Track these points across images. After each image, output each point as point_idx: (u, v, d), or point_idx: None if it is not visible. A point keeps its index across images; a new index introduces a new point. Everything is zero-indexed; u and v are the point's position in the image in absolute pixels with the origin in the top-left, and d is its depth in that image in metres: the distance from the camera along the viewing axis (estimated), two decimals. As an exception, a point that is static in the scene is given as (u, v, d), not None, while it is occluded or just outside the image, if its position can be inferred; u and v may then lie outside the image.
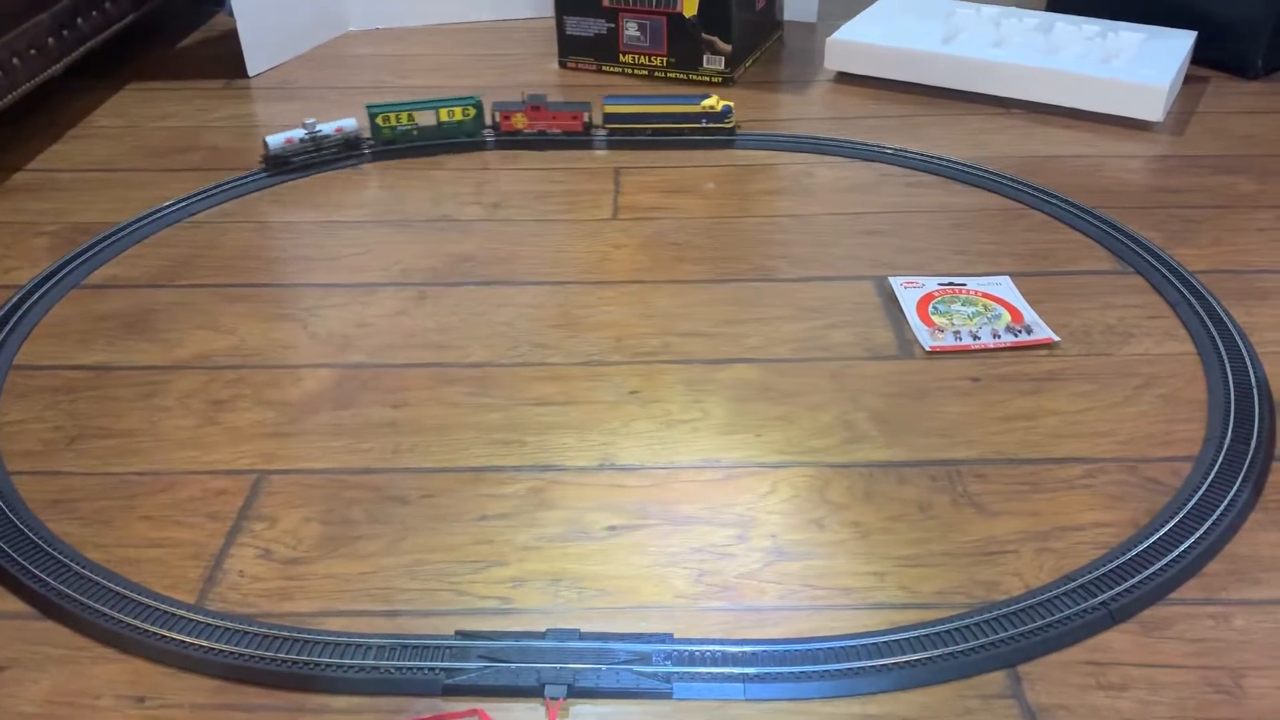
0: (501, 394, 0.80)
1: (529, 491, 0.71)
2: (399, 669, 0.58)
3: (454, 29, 1.54)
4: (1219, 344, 0.83)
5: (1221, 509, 0.67)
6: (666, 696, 0.57)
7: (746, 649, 0.59)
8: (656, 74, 1.36)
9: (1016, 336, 0.84)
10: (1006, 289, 0.90)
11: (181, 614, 0.61)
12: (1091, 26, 1.29)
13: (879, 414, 0.77)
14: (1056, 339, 0.84)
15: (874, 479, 0.72)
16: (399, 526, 0.69)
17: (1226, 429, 0.74)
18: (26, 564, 0.65)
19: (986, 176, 1.09)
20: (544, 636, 0.60)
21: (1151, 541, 0.65)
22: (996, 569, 0.65)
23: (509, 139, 1.19)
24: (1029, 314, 0.87)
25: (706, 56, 1.33)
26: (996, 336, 0.84)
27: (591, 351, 0.85)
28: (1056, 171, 1.10)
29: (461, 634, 0.60)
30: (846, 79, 1.34)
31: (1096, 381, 0.80)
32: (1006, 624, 0.60)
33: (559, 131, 1.18)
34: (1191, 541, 0.65)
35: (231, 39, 1.37)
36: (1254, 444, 0.73)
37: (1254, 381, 0.79)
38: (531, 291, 0.93)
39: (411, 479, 0.72)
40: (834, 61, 1.34)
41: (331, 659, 0.59)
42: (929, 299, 0.89)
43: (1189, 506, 0.68)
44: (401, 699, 0.57)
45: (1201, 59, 1.32)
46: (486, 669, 0.58)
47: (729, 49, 1.32)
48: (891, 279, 0.92)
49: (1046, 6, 1.44)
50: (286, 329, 0.88)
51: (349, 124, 1.16)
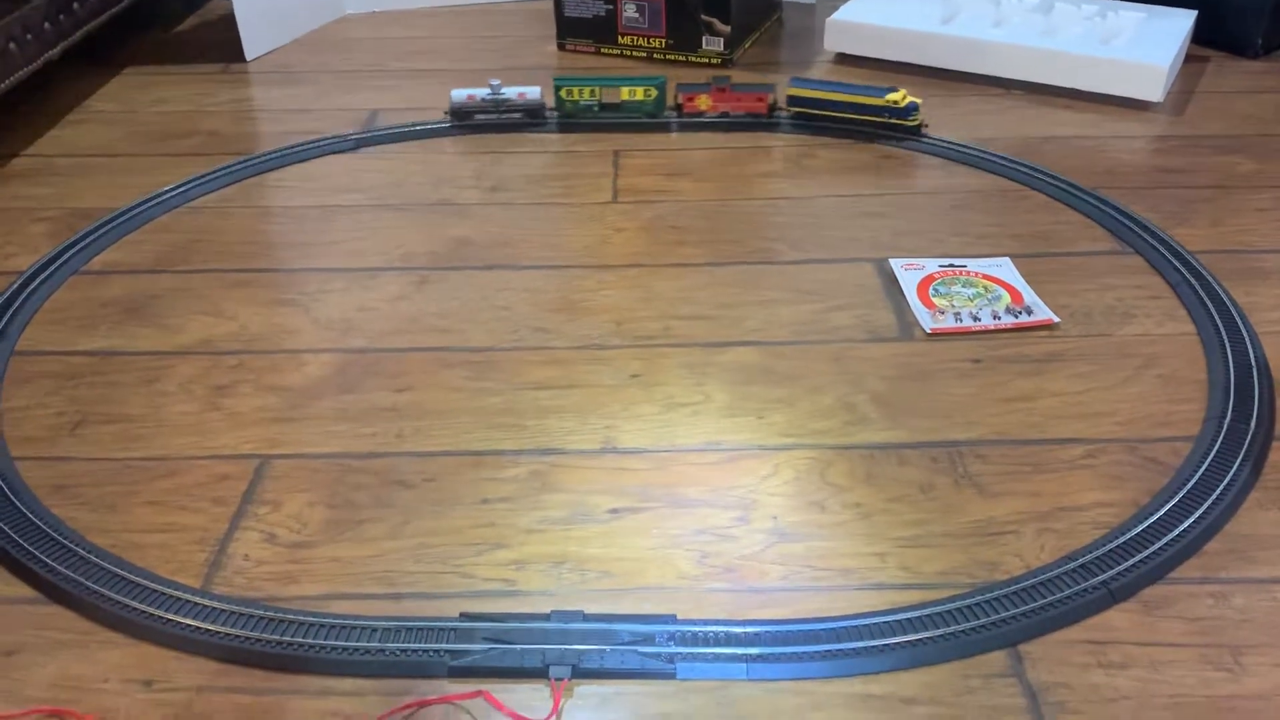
0: (502, 378, 0.80)
1: (531, 475, 0.72)
2: (404, 651, 0.58)
3: (451, 11, 1.54)
4: (1219, 324, 0.83)
5: (1221, 488, 0.68)
6: (670, 677, 0.58)
7: (749, 629, 0.60)
8: (655, 55, 1.35)
9: (1017, 318, 0.85)
10: (1007, 270, 0.91)
11: (187, 598, 0.62)
12: (1091, 6, 1.29)
13: (880, 396, 0.78)
14: (1057, 320, 0.84)
15: (875, 460, 0.72)
16: (402, 510, 0.69)
17: (1226, 409, 0.74)
18: (32, 549, 0.65)
19: (986, 157, 1.09)
20: (548, 618, 0.60)
21: (1152, 521, 0.65)
22: (997, 549, 0.65)
23: (691, 120, 1.17)
24: (1029, 295, 0.87)
25: (705, 38, 1.32)
26: (997, 318, 0.85)
27: (592, 335, 0.85)
28: (1056, 152, 1.10)
29: (466, 616, 0.61)
30: (846, 59, 1.33)
31: (1097, 362, 0.80)
32: (1007, 604, 0.60)
33: (743, 113, 1.16)
34: (1191, 521, 0.65)
35: (229, 23, 1.36)
36: (1254, 423, 0.73)
37: (1254, 361, 0.79)
38: (531, 275, 0.93)
39: (414, 463, 0.73)
40: (833, 42, 1.33)
41: (336, 641, 0.59)
42: (929, 281, 0.89)
43: (1189, 486, 0.68)
44: (407, 681, 0.58)
45: (1201, 38, 1.32)
46: (491, 650, 0.58)
47: (728, 30, 1.31)
48: (892, 261, 0.92)
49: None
50: (288, 314, 0.88)
51: (532, 91, 1.17)
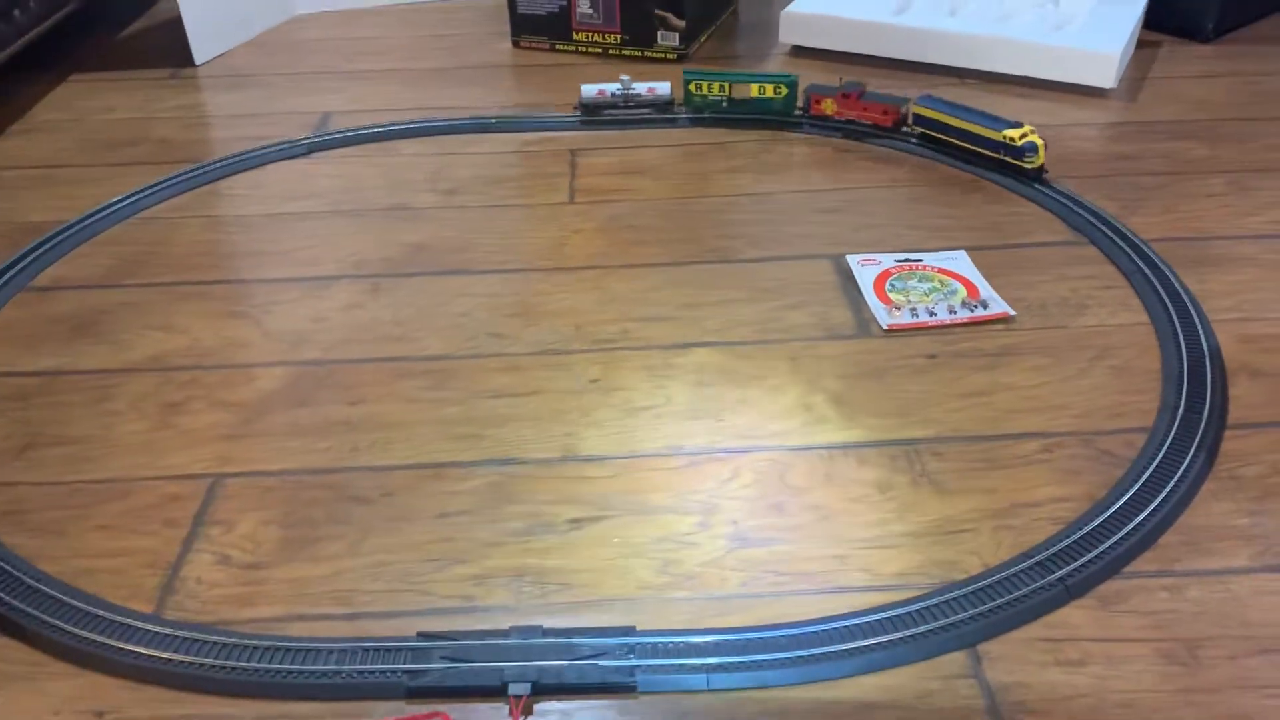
0: (459, 387, 0.80)
1: (489, 486, 0.71)
2: (361, 673, 0.58)
3: (402, 9, 1.52)
4: (1172, 313, 0.84)
5: (1175, 480, 0.68)
6: (631, 690, 0.57)
7: (709, 639, 0.59)
8: (610, 51, 1.34)
9: (973, 312, 0.85)
10: (962, 263, 0.91)
11: (139, 625, 0.61)
12: (1044, -7, 1.29)
13: (837, 395, 0.78)
14: (1012, 313, 0.85)
15: (834, 461, 0.72)
16: (359, 527, 0.68)
17: (1180, 399, 0.75)
18: (-21, 580, 0.64)
19: (941, 149, 1.09)
20: (507, 634, 0.60)
21: (1107, 515, 0.66)
22: (956, 548, 0.65)
23: (817, 123, 1.14)
24: (985, 289, 0.87)
25: (660, 33, 1.32)
26: (953, 312, 0.85)
27: (550, 340, 0.84)
28: (1011, 142, 1.10)
29: (423, 635, 0.60)
30: (802, 52, 1.33)
31: (1052, 355, 0.81)
32: (966, 604, 0.61)
33: (868, 124, 1.11)
34: (1146, 514, 0.66)
35: (176, 26, 1.34)
36: (1206, 413, 0.74)
37: (1206, 350, 0.79)
38: (488, 280, 0.92)
39: (370, 477, 0.72)
40: (789, 35, 1.33)
41: (293, 665, 0.58)
42: (886, 276, 0.89)
43: (1144, 479, 0.68)
44: (364, 703, 0.57)
45: (1153, 24, 1.33)
46: (449, 669, 0.58)
47: (682, 25, 1.31)
48: (849, 257, 0.92)
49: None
50: (240, 326, 0.87)
51: (662, 87, 1.16)
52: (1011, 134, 1.01)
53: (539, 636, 0.59)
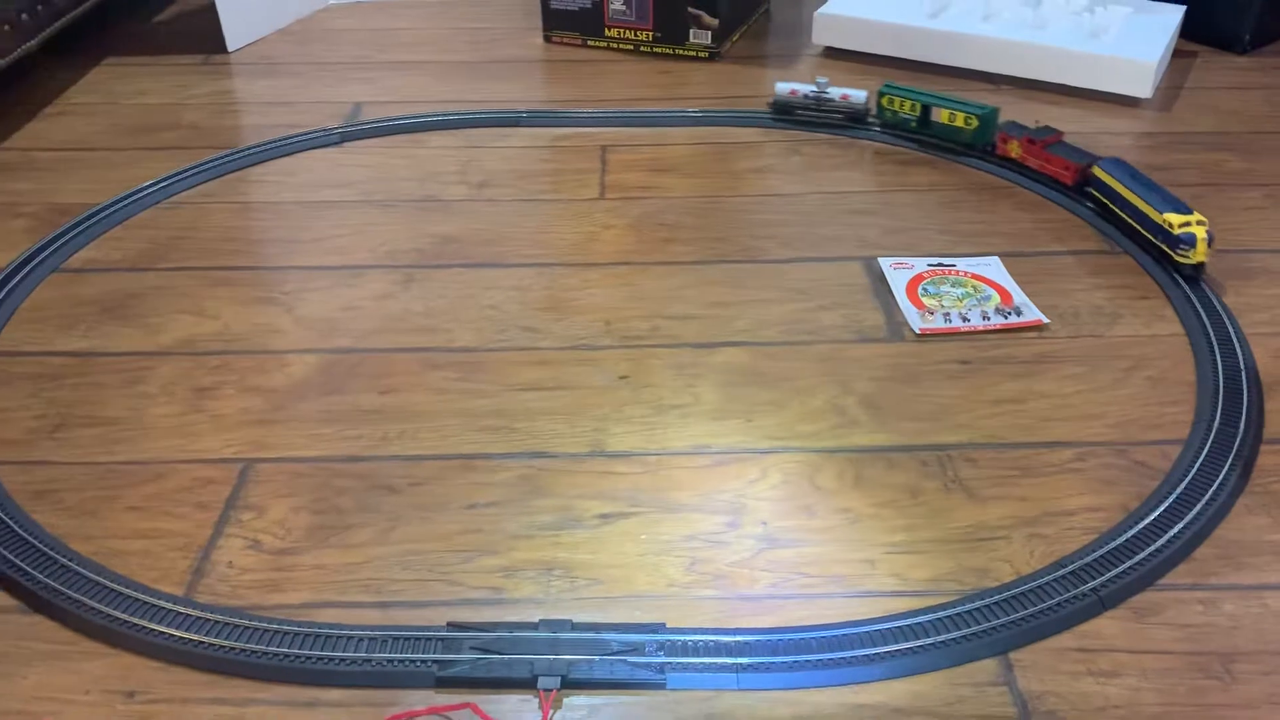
0: (490, 379, 0.80)
1: (519, 479, 0.71)
2: (391, 661, 0.58)
3: (436, 1, 1.52)
4: (1207, 325, 0.83)
5: (1211, 493, 0.68)
6: (660, 687, 0.57)
7: (739, 638, 0.59)
8: (642, 48, 1.34)
9: (1006, 318, 0.84)
10: (995, 270, 0.90)
11: (170, 607, 0.61)
12: (1080, 0, 1.28)
13: (869, 398, 0.77)
14: (1046, 321, 0.84)
15: (864, 464, 0.72)
16: (389, 516, 0.68)
17: (1215, 411, 0.74)
18: (12, 557, 0.64)
19: (974, 154, 1.08)
20: (536, 627, 0.60)
21: (1141, 527, 0.65)
22: (987, 555, 0.65)
23: (999, 163, 1.05)
24: (1018, 295, 0.87)
25: (693, 30, 1.31)
26: (986, 318, 0.84)
27: (580, 335, 0.84)
28: (1045, 149, 1.09)
29: (453, 625, 0.60)
30: (834, 53, 1.32)
31: (1086, 364, 0.80)
32: (998, 611, 0.60)
33: (1047, 176, 1.02)
34: (1181, 526, 0.65)
35: (209, 13, 1.34)
36: (1242, 426, 0.73)
37: (1242, 364, 0.79)
38: (519, 274, 0.92)
39: (401, 467, 0.72)
40: (821, 36, 1.32)
41: (322, 651, 0.58)
42: (918, 280, 0.89)
43: (1178, 491, 0.68)
44: (394, 691, 0.57)
45: (1189, 34, 1.32)
46: (479, 661, 0.58)
47: (715, 23, 1.30)
48: (881, 260, 0.92)
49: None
50: (271, 313, 0.87)
51: (857, 95, 1.11)
52: (1172, 218, 0.87)
53: (569, 630, 0.59)
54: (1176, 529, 0.65)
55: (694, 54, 1.33)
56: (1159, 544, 0.64)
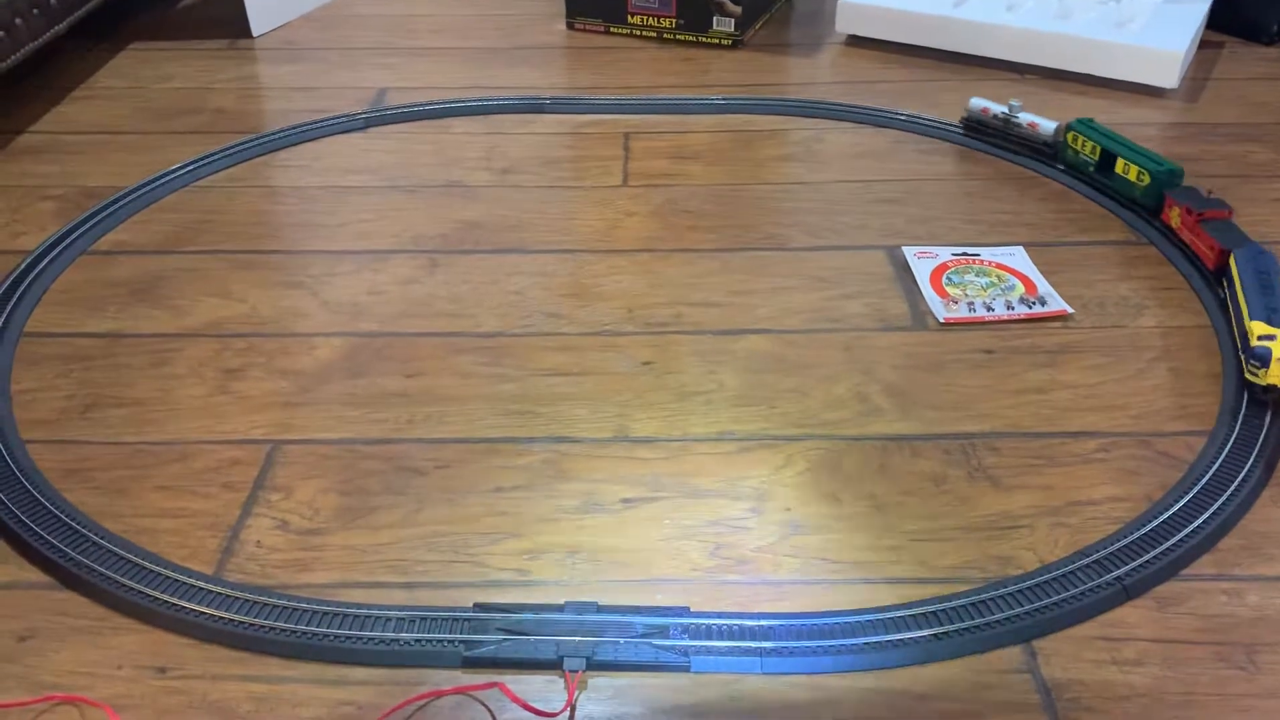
0: (514, 364, 0.80)
1: (543, 463, 0.71)
2: (418, 641, 0.58)
3: (459, -12, 1.52)
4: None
5: (1235, 484, 0.68)
6: (684, 670, 0.58)
7: (763, 623, 0.60)
8: (665, 35, 1.34)
9: (1030, 308, 0.84)
10: (1020, 259, 0.90)
11: (201, 585, 0.62)
12: (1107, -10, 1.28)
13: (893, 386, 0.77)
14: (1070, 311, 0.84)
15: (888, 452, 0.72)
16: (415, 498, 0.69)
17: (1240, 403, 0.74)
18: (46, 534, 0.65)
19: (999, 144, 1.08)
20: (562, 609, 0.60)
21: (1166, 517, 0.65)
22: (1011, 544, 0.65)
23: (1163, 230, 0.94)
24: (1043, 285, 0.87)
25: (716, 18, 1.31)
26: (1010, 308, 0.84)
27: (604, 321, 0.84)
28: (1070, 139, 1.09)
29: (480, 606, 0.61)
30: (858, 42, 1.32)
31: (1110, 354, 0.80)
32: (1021, 599, 0.60)
33: (1192, 250, 0.91)
34: (1206, 517, 0.65)
35: (234, -2, 1.35)
36: (1268, 419, 0.73)
37: (1268, 355, 0.78)
38: (542, 260, 0.92)
39: (426, 450, 0.72)
40: (845, 24, 1.32)
41: (351, 631, 0.59)
42: (943, 269, 0.89)
43: (1203, 481, 0.68)
44: (421, 671, 0.58)
45: (1215, 24, 1.31)
46: (505, 642, 0.58)
47: (739, 11, 1.30)
48: (905, 249, 0.92)
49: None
50: (297, 296, 0.88)
51: (1045, 126, 1.03)
52: (1256, 326, 0.76)
53: (594, 613, 0.60)
54: (1201, 519, 0.65)
55: (717, 41, 1.32)
56: (1183, 534, 0.64)
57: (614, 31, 1.36)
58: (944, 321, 0.83)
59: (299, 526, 0.67)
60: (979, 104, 1.08)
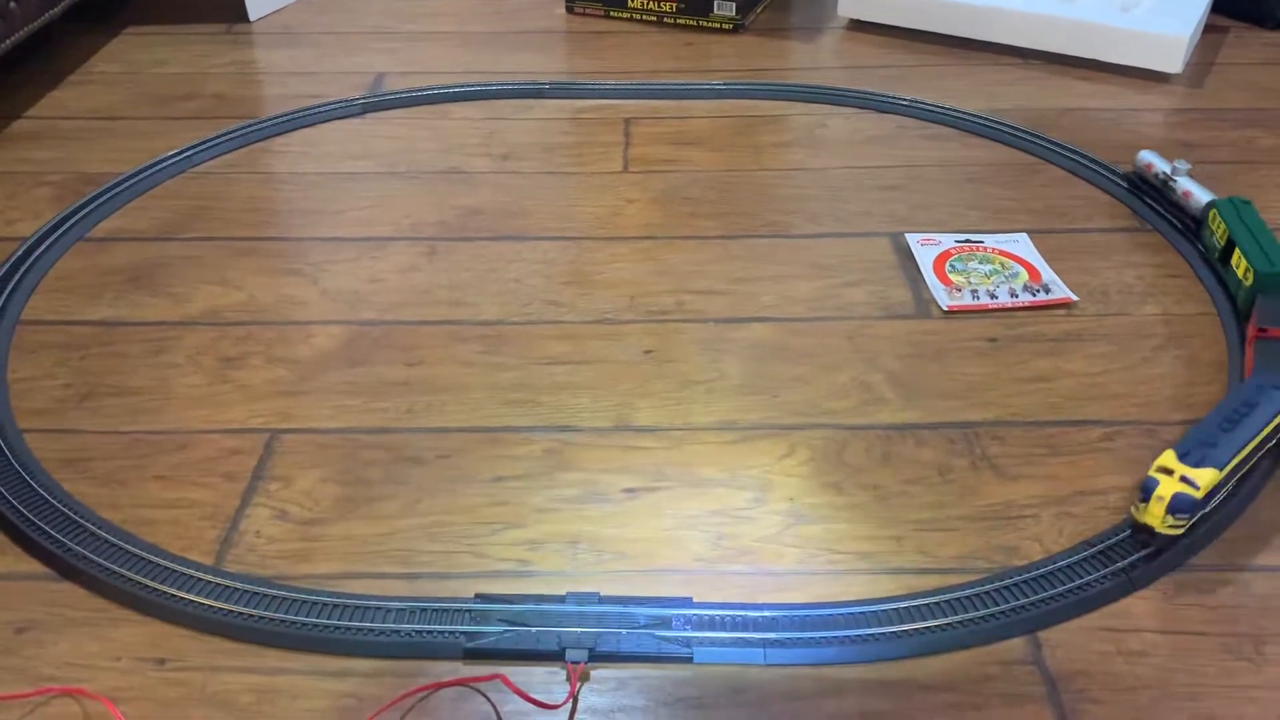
0: (514, 353, 0.79)
1: (544, 453, 0.71)
2: (419, 632, 0.58)
3: (458, -28, 1.51)
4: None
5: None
6: (687, 661, 0.57)
7: (766, 614, 0.59)
8: (666, 19, 1.33)
9: (1034, 296, 0.84)
10: (1024, 246, 0.89)
11: (201, 576, 0.61)
12: (1111, -26, 1.27)
13: (896, 375, 0.77)
14: (1075, 298, 0.83)
15: (891, 441, 0.71)
16: (415, 487, 0.68)
17: (1246, 392, 0.73)
18: (43, 525, 0.64)
19: (1003, 129, 1.07)
20: (564, 600, 0.60)
21: (1171, 507, 0.65)
22: (1016, 534, 0.64)
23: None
24: (1047, 273, 0.86)
25: (717, 3, 1.30)
26: (1014, 296, 0.84)
27: (605, 309, 0.84)
28: (1074, 125, 1.08)
29: (481, 597, 0.60)
30: (860, 26, 1.31)
31: (1115, 342, 0.79)
32: (1026, 590, 0.60)
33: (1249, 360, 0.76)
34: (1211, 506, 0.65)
35: (231, -19, 1.34)
36: (1274, 407, 0.72)
37: (1274, 343, 0.78)
38: (543, 247, 0.91)
39: (427, 439, 0.72)
40: (847, 9, 1.31)
41: (351, 621, 0.59)
42: (946, 256, 0.88)
43: (1209, 471, 0.67)
44: (422, 662, 0.57)
45: (1221, 8, 1.30)
46: (507, 633, 0.58)
47: (740, -5, 1.29)
48: (908, 235, 0.91)
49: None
50: (296, 284, 0.87)
51: (1199, 198, 0.90)
52: (1165, 458, 0.63)
53: (596, 604, 0.59)
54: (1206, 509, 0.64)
55: (718, 26, 1.31)
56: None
57: (614, 16, 1.35)
58: (947, 309, 0.83)
59: (299, 516, 0.66)
60: (1146, 158, 0.96)
